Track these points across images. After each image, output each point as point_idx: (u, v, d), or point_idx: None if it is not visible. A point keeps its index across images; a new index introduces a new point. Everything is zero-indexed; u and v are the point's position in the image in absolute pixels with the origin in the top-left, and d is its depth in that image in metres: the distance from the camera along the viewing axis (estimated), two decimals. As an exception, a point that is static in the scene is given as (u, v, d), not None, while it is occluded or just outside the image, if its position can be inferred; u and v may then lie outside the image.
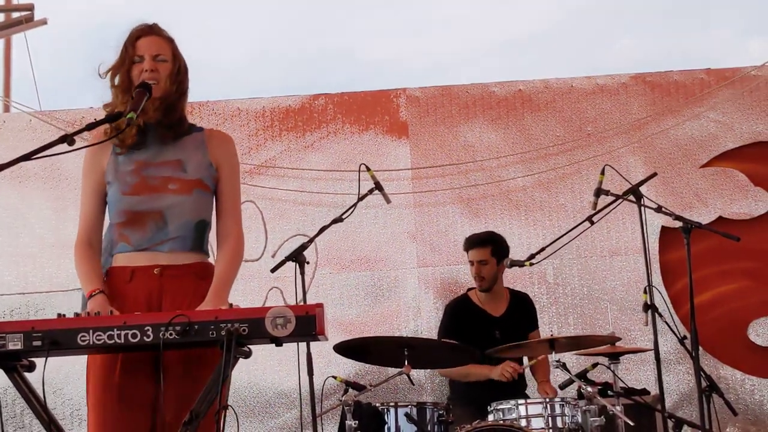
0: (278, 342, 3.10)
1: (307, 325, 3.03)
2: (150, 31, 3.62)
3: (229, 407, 3.01)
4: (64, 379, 6.67)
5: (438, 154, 7.40)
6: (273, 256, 6.99)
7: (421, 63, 11.94)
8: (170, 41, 3.65)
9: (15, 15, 7.60)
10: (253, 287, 6.96)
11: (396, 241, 7.31)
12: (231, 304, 3.20)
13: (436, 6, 11.57)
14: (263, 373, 6.90)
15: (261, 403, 7.00)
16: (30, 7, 7.35)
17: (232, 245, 3.59)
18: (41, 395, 3.19)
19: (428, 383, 6.96)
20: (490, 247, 6.38)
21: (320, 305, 3.06)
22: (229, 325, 3.01)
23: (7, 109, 7.91)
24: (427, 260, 7.27)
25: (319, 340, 3.11)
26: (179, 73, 3.60)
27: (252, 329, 3.03)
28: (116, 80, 3.58)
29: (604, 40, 12.93)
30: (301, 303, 5.18)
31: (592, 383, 5.38)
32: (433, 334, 6.80)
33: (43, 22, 7.38)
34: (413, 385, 5.99)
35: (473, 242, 6.45)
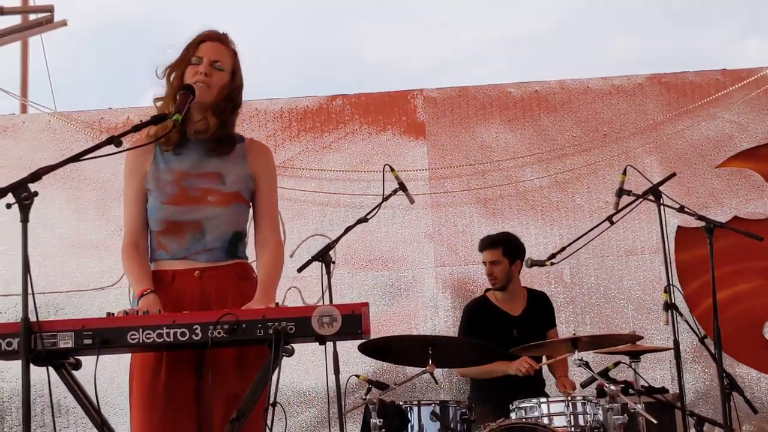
0: (323, 340, 3.16)
1: (353, 323, 3.08)
2: (217, 37, 3.64)
3: (278, 404, 3.06)
4: (83, 378, 6.72)
5: (455, 155, 7.46)
6: (291, 256, 7.01)
7: (429, 63, 12.00)
8: (234, 54, 3.66)
9: (33, 16, 7.65)
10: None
11: (414, 242, 7.37)
12: (278, 303, 3.25)
13: (441, 6, 11.62)
14: (281, 372, 6.92)
15: (279, 402, 7.03)
16: (50, 9, 7.39)
17: (272, 251, 3.63)
18: (82, 392, 3.25)
19: (446, 382, 6.99)
20: (500, 248, 6.46)
21: (365, 304, 3.11)
22: (277, 323, 3.07)
23: (24, 109, 7.96)
24: (445, 260, 7.33)
25: (363, 338, 3.17)
26: (234, 89, 3.62)
27: (299, 328, 3.08)
28: (171, 80, 3.61)
29: (603, 40, 12.98)
30: (329, 303, 5.22)
31: (613, 382, 5.43)
32: (450, 333, 6.86)
33: (63, 23, 7.42)
34: (437, 383, 6.04)
35: (485, 243, 6.55)
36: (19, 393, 7.07)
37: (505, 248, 6.47)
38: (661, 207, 5.58)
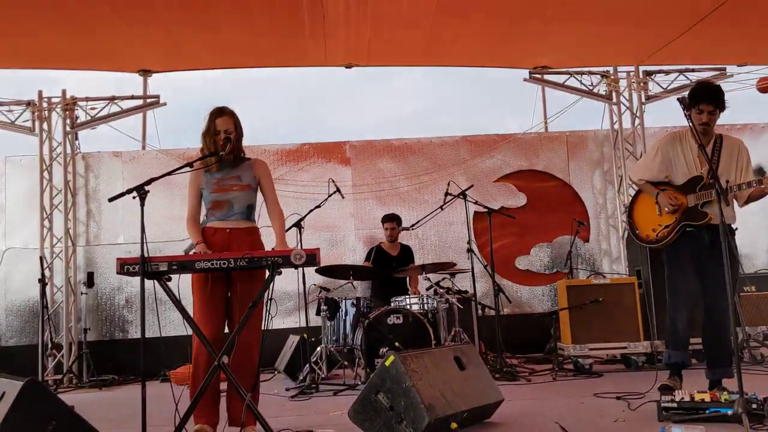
0: (296, 267, 3.11)
1: (312, 259, 3.04)
2: (222, 113, 3.45)
3: (273, 300, 3.01)
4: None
5: (365, 175, 7.39)
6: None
7: (354, 126, 11.81)
8: (234, 116, 3.47)
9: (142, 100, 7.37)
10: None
11: (343, 217, 7.31)
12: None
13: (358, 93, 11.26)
14: (279, 283, 6.78)
15: (276, 297, 6.91)
16: (157, 97, 7.14)
17: (278, 217, 3.51)
18: (172, 295, 3.14)
19: (360, 288, 6.91)
20: (396, 221, 6.34)
21: (317, 249, 3.06)
22: (273, 258, 3.02)
23: (144, 147, 7.69)
24: (359, 226, 7.29)
25: (317, 266, 3.13)
26: (239, 139, 3.49)
27: (284, 261, 3.02)
28: (206, 139, 3.46)
29: (441, 117, 12.78)
30: (301, 248, 5.14)
31: (442, 288, 5.50)
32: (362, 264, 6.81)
33: (164, 104, 7.17)
34: (354, 288, 5.99)
35: (388, 217, 6.37)
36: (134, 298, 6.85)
37: (397, 221, 6.34)
38: (466, 201, 5.66)
